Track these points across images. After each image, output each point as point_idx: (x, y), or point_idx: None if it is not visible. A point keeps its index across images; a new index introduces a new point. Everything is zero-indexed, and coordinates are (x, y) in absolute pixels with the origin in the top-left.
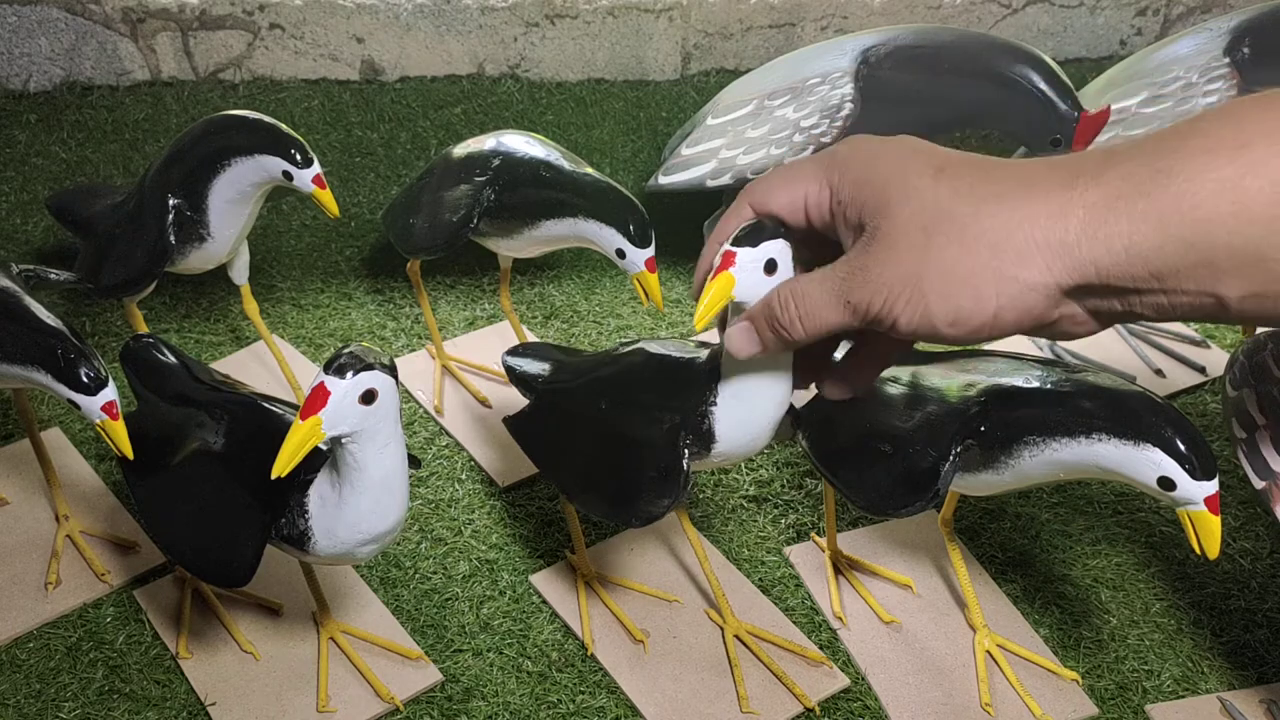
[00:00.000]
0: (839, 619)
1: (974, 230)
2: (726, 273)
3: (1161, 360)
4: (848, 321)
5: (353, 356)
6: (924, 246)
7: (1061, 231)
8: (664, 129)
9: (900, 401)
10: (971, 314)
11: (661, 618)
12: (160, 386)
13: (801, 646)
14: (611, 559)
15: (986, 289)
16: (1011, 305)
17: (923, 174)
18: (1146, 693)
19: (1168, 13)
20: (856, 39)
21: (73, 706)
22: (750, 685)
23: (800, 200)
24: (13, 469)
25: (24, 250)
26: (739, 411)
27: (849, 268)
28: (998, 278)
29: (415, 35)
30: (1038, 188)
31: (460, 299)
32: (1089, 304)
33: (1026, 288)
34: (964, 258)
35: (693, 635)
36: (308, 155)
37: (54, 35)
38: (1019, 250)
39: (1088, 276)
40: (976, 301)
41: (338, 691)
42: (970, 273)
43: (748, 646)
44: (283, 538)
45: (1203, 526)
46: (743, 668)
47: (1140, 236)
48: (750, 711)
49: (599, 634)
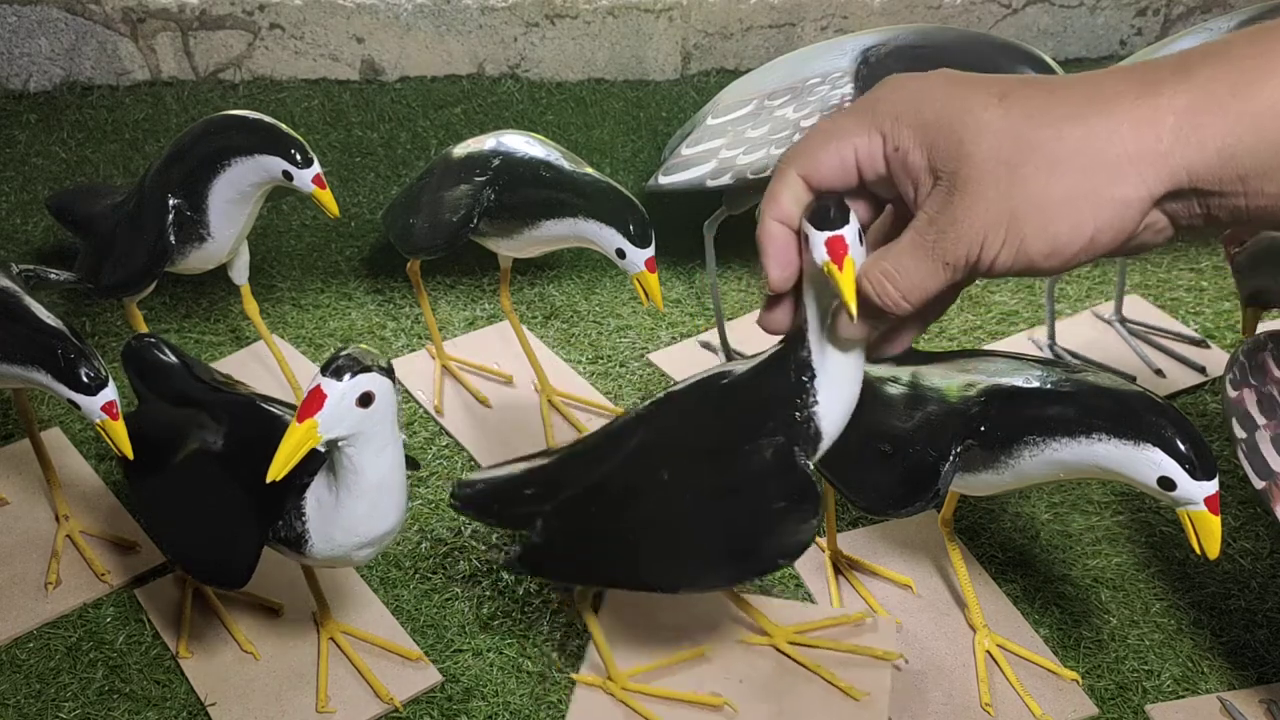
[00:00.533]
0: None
1: (1060, 153)
2: (849, 257)
3: (1161, 360)
4: (949, 280)
5: (350, 359)
6: (1010, 181)
7: (1153, 140)
8: (664, 129)
9: (900, 401)
10: (1069, 242)
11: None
12: (160, 386)
13: (841, 616)
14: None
15: (1083, 213)
16: (1109, 225)
17: (987, 105)
18: (1146, 693)
19: (1168, 13)
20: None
21: (73, 706)
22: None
23: (850, 157)
24: (13, 469)
25: (24, 250)
26: (838, 400)
27: (937, 226)
28: (1093, 200)
29: (415, 35)
30: (1120, 100)
31: (460, 299)
32: (1169, 208)
33: (1122, 205)
34: (1054, 184)
35: (752, 669)
36: (308, 155)
37: (54, 35)
38: (1111, 166)
39: (1179, 183)
40: (1074, 228)
41: (337, 692)
42: (1064, 199)
43: (803, 644)
44: (280, 540)
45: (1203, 526)
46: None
47: (1234, 138)
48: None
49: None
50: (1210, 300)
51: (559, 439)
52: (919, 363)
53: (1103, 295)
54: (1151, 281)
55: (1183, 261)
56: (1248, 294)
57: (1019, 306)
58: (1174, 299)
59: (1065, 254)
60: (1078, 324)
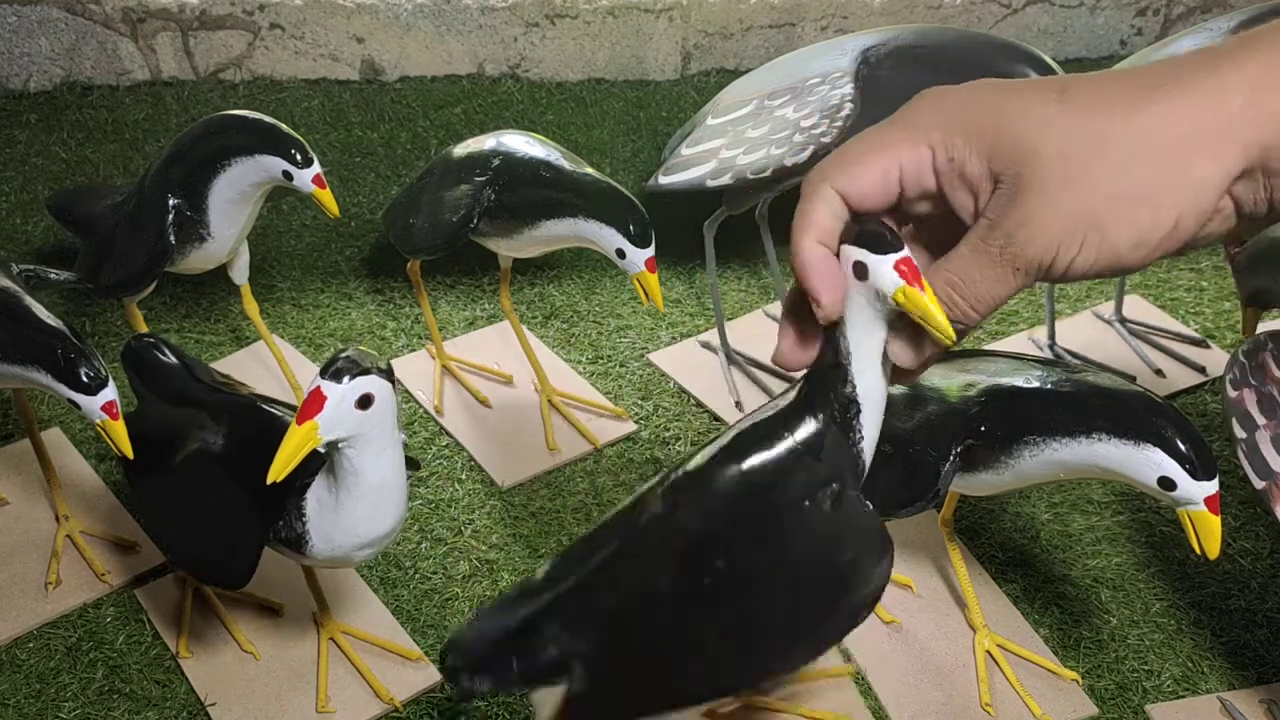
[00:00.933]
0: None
1: (1131, 141)
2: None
3: (1161, 360)
4: (1020, 286)
5: (349, 361)
6: (1082, 175)
7: (1225, 116)
8: (664, 129)
9: (900, 402)
10: (1153, 230)
11: None
12: (161, 386)
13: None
14: None
15: (1164, 200)
16: (1191, 209)
17: (1046, 101)
18: (1146, 693)
19: (1168, 13)
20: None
21: (73, 706)
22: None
23: (894, 172)
24: (13, 469)
25: (24, 250)
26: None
27: (1004, 230)
28: (1173, 184)
29: (415, 35)
30: (1185, 79)
31: (460, 299)
32: (1237, 190)
33: (1202, 186)
34: (1131, 174)
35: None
36: (308, 155)
37: (54, 35)
38: (1186, 146)
39: (1252, 159)
40: (1156, 216)
41: (337, 692)
42: (1144, 187)
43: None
44: (280, 540)
45: (1203, 526)
46: None
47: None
48: None
49: None
50: (1210, 300)
51: (559, 439)
52: None
53: (1103, 295)
54: (1151, 281)
55: (1183, 261)
56: (1248, 294)
57: (1019, 306)
58: (1174, 299)
59: (1150, 243)
60: (1078, 324)
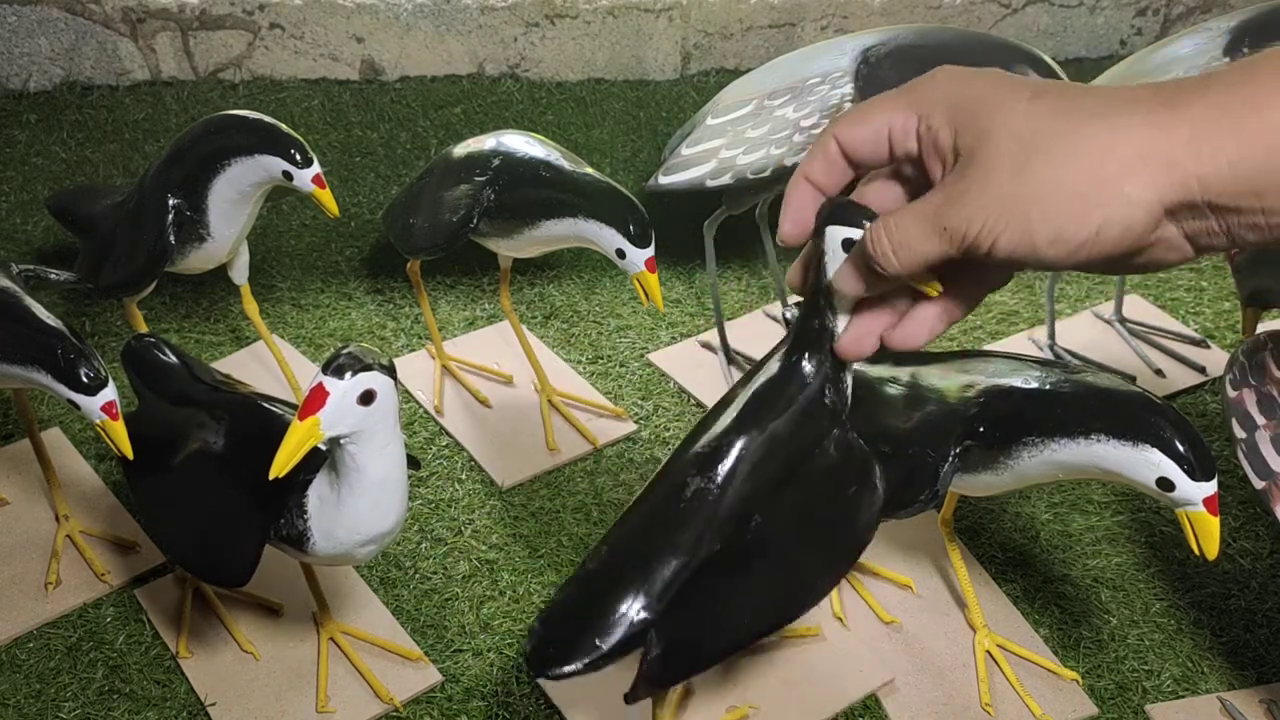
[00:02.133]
0: (839, 619)
1: (1076, 146)
2: None
3: (1161, 360)
4: (944, 250)
5: (351, 357)
6: (1024, 165)
7: (1167, 146)
8: (664, 129)
9: (900, 402)
10: (1074, 231)
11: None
12: (161, 386)
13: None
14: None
15: (1090, 204)
16: (1114, 220)
17: (1019, 96)
18: (1146, 693)
19: (1168, 13)
20: (856, 39)
21: (73, 706)
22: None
23: (884, 131)
24: (13, 469)
25: (24, 250)
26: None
27: (944, 194)
28: (1101, 192)
29: (415, 35)
30: (1140, 105)
31: (460, 299)
32: (1188, 226)
33: (1129, 202)
34: (1066, 173)
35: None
36: (307, 155)
37: (54, 35)
38: (1123, 163)
39: (1191, 193)
40: (1080, 218)
41: (337, 692)
42: (1073, 188)
43: None
44: (281, 538)
45: (1201, 527)
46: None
47: (1246, 151)
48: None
49: None
50: (1210, 300)
51: (559, 439)
52: (918, 363)
53: (1103, 295)
54: (1151, 281)
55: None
56: (1247, 294)
57: (1019, 306)
58: (1174, 299)
59: (1071, 243)
60: (1078, 324)
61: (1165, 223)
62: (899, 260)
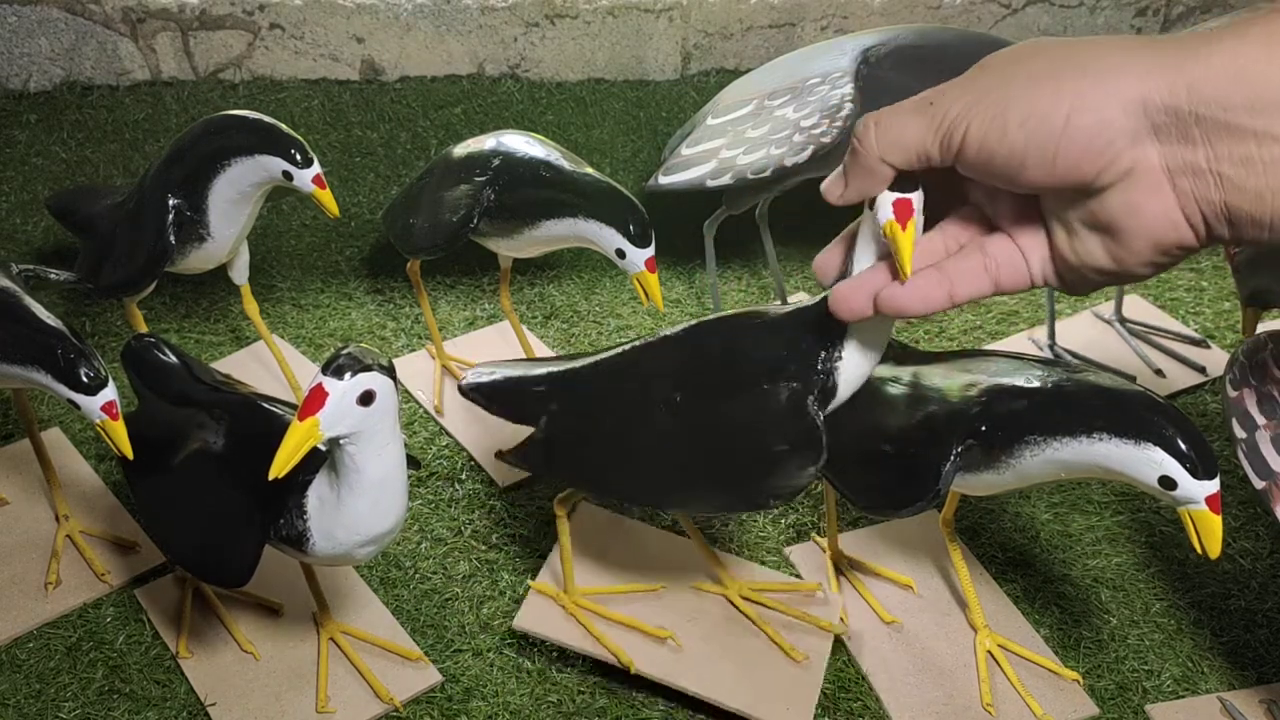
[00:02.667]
0: (840, 620)
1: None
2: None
3: (1161, 360)
4: (924, 134)
5: (350, 358)
6: (1010, 67)
7: (1160, 51)
8: (664, 129)
9: (901, 401)
10: (1045, 112)
11: (666, 611)
12: (161, 386)
13: (793, 582)
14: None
15: (1064, 87)
16: (1088, 106)
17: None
18: (1146, 693)
19: (1168, 13)
20: (856, 39)
21: (73, 706)
22: (782, 634)
23: None
24: (13, 469)
25: (24, 250)
26: (859, 364)
27: (940, 87)
28: (1080, 80)
29: (415, 35)
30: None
31: (460, 299)
32: (1171, 156)
33: (1110, 94)
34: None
35: (705, 613)
36: (308, 155)
37: (54, 35)
38: (1110, 64)
39: (1178, 97)
40: (1052, 97)
41: (337, 692)
42: (1050, 73)
43: (756, 601)
44: (281, 538)
45: (1204, 526)
46: (771, 624)
47: (1245, 54)
48: (801, 658)
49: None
50: (1210, 300)
51: None
52: (920, 363)
53: (1103, 295)
54: (1151, 281)
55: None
56: (1247, 294)
57: (1019, 306)
58: (1174, 299)
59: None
60: (1078, 324)
61: (1145, 141)
62: (877, 139)
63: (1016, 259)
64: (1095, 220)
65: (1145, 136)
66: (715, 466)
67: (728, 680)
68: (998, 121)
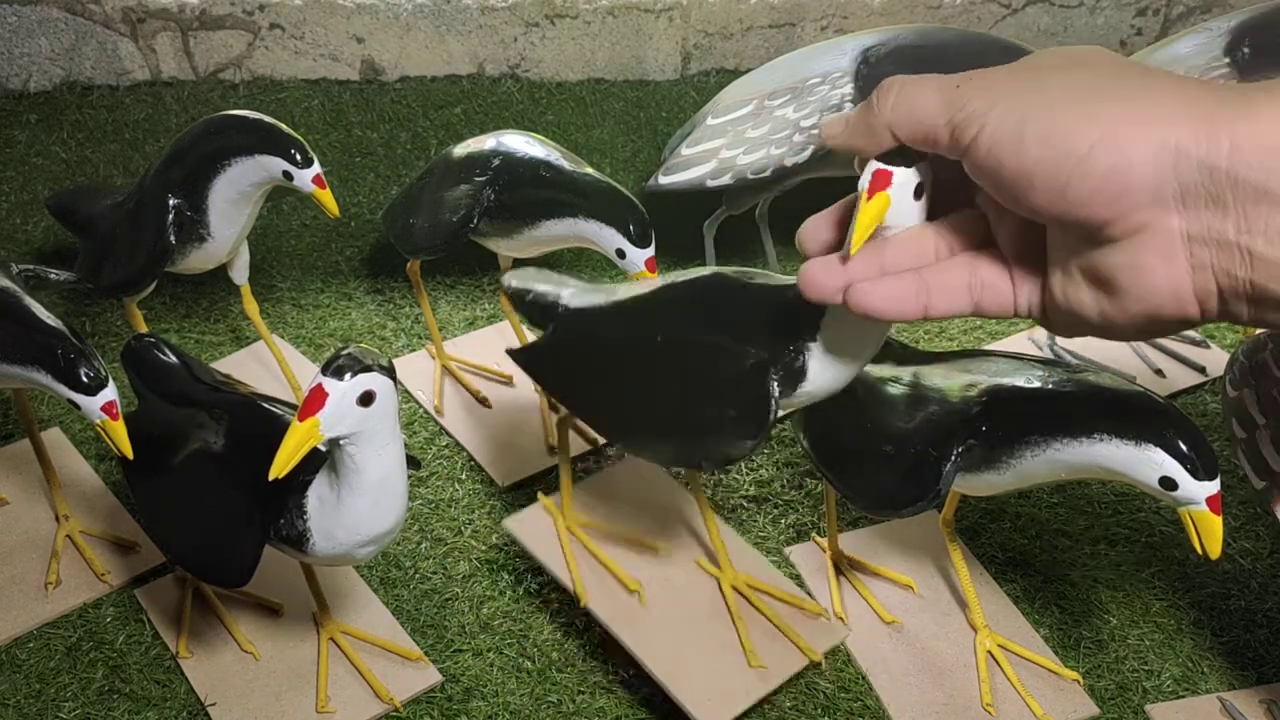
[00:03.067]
0: (840, 619)
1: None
2: (883, 193)
3: (1161, 360)
4: (937, 116)
5: (350, 358)
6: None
7: (1206, 98)
8: (664, 129)
9: (901, 402)
10: (1066, 137)
11: (653, 567)
12: (161, 386)
13: (799, 598)
14: (589, 504)
15: (1094, 117)
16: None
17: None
18: (1146, 693)
19: (1168, 13)
20: (857, 39)
21: (73, 706)
22: (754, 638)
23: None
24: (13, 469)
25: (24, 250)
26: (833, 355)
27: (977, 71)
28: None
29: (415, 35)
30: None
31: (460, 299)
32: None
33: (1142, 135)
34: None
35: (689, 586)
36: (308, 155)
37: (54, 35)
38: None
39: (1218, 155)
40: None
41: (337, 692)
42: (1095, 91)
43: (746, 598)
44: (281, 538)
45: (1204, 526)
46: (745, 621)
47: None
48: (759, 665)
49: (589, 586)
50: None
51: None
52: (920, 363)
53: None
54: None
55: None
56: None
57: None
58: None
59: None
60: None
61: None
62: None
63: (1004, 285)
64: (1094, 271)
65: (1168, 195)
66: (667, 415)
67: (666, 651)
68: (1015, 130)
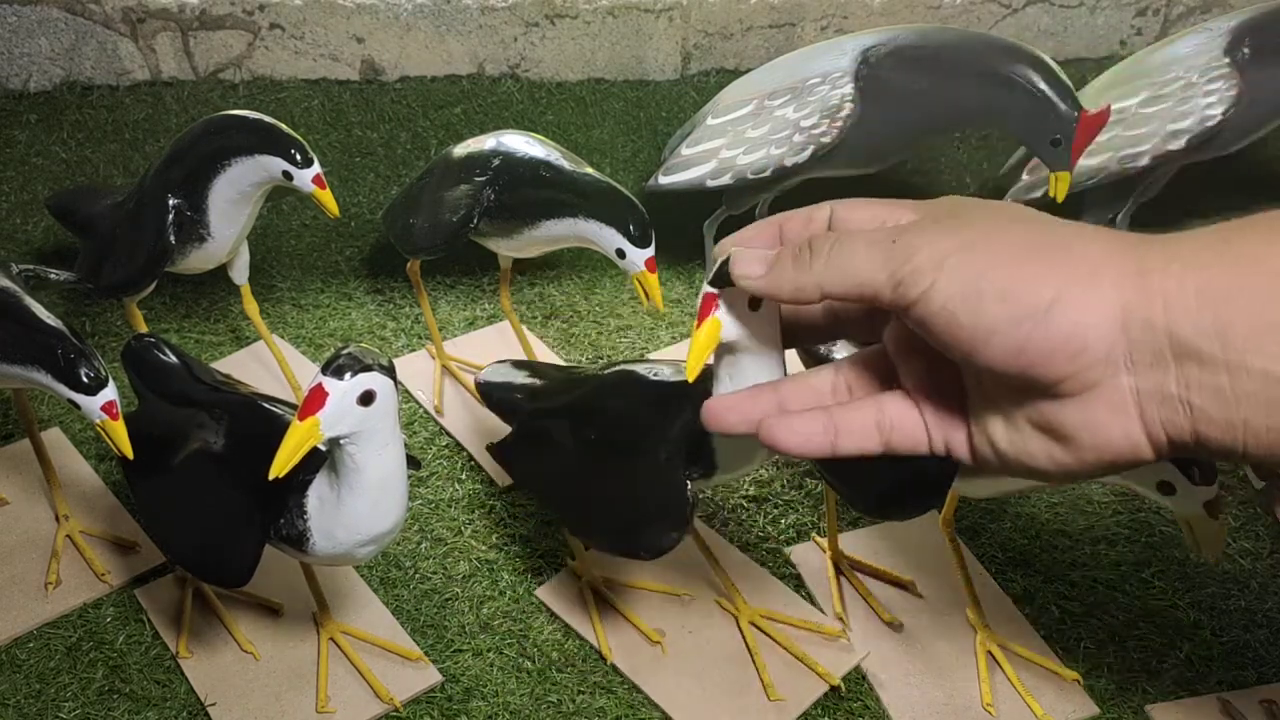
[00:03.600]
0: (840, 619)
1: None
2: (711, 318)
3: None
4: (876, 273)
5: (351, 358)
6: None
7: (1136, 257)
8: (664, 129)
9: None
10: (1025, 294)
11: (674, 615)
12: (161, 386)
13: (816, 624)
14: (612, 560)
15: (1053, 274)
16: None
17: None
18: (1146, 693)
19: (1168, 13)
20: (856, 39)
21: (73, 706)
22: (772, 671)
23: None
24: (13, 469)
25: (24, 250)
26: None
27: (905, 225)
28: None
29: (415, 35)
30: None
31: (460, 299)
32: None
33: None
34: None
35: (708, 629)
36: (308, 155)
37: (54, 35)
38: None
39: (1154, 311)
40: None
41: (337, 692)
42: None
43: (764, 631)
44: (281, 538)
45: (1203, 531)
46: (762, 654)
47: (1213, 278)
48: (778, 698)
49: (613, 640)
50: None
51: None
52: None
53: None
54: None
55: None
56: None
57: None
58: None
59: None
60: None
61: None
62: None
63: (915, 425)
64: (1045, 423)
65: (1119, 354)
66: (605, 511)
67: (689, 699)
68: (972, 286)
